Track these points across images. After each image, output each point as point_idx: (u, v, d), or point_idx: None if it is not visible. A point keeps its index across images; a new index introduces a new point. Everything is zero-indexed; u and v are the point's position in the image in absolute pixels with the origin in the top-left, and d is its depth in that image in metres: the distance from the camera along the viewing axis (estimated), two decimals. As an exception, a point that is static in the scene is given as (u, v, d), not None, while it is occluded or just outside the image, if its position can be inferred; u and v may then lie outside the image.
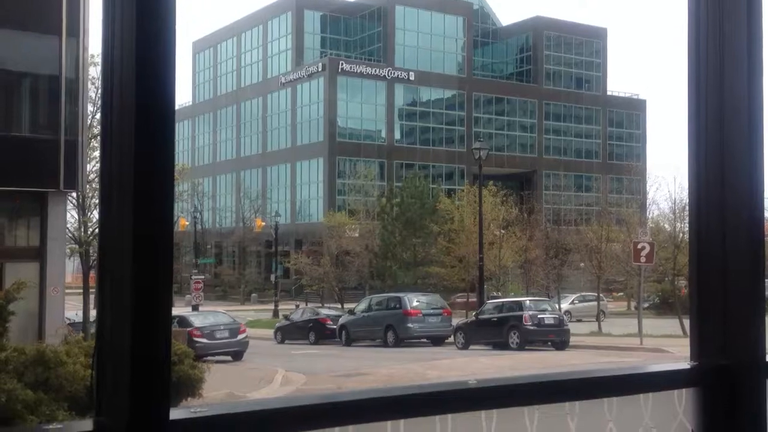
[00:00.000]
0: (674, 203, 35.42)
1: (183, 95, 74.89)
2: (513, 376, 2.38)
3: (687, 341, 2.43)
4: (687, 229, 33.51)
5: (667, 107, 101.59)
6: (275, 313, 42.47)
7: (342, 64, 60.28)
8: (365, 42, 65.41)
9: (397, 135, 62.22)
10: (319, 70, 60.20)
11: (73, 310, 27.58)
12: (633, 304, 40.82)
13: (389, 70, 61.64)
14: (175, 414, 1.51)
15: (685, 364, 2.36)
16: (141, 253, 1.46)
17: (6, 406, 8.50)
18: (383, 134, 61.64)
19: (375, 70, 61.28)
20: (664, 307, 38.85)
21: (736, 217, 2.32)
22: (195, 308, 33.94)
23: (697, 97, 2.40)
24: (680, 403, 2.28)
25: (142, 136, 1.47)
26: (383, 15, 63.75)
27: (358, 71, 60.62)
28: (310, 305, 39.88)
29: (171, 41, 1.51)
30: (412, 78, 62.20)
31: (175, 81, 1.51)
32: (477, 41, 68.06)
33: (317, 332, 30.74)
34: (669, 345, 24.85)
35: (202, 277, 40.05)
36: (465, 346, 26.98)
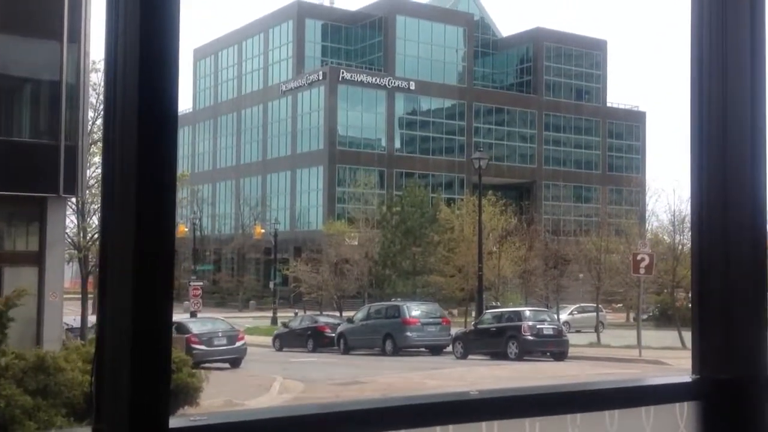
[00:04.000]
0: (674, 215, 35.42)
1: (183, 102, 74.79)
2: (514, 387, 2.37)
3: (686, 353, 2.42)
4: (686, 241, 33.58)
5: (667, 119, 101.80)
6: (274, 321, 42.41)
7: (343, 72, 60.40)
8: (366, 51, 65.55)
9: (397, 144, 62.28)
10: (320, 78, 60.30)
11: (71, 315, 27.53)
12: (632, 315, 40.73)
13: (390, 79, 61.75)
14: (174, 422, 1.50)
15: (687, 377, 2.34)
16: (142, 260, 1.45)
17: (5, 412, 8.48)
18: (383, 143, 61.70)
19: (375, 79, 61.39)
20: (662, 318, 38.79)
21: (738, 229, 2.31)
22: (193, 315, 33.88)
23: (700, 108, 2.39)
24: (682, 416, 2.26)
25: (145, 140, 1.46)
26: (384, 24, 63.91)
27: (359, 80, 60.73)
28: (308, 313, 39.82)
29: (174, 46, 1.50)
30: (412, 87, 62.31)
31: (179, 85, 1.51)
32: (477, 52, 68.20)
33: (316, 340, 30.70)
34: (668, 357, 24.79)
35: (201, 283, 39.96)
36: (463, 356, 26.92)
